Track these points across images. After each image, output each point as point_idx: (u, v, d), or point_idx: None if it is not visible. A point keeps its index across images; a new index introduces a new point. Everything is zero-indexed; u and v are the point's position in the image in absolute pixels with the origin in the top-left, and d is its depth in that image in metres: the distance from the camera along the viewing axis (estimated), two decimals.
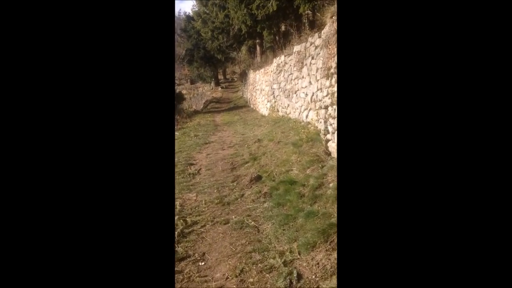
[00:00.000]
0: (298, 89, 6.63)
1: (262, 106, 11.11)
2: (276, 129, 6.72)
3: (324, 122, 4.65)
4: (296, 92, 6.85)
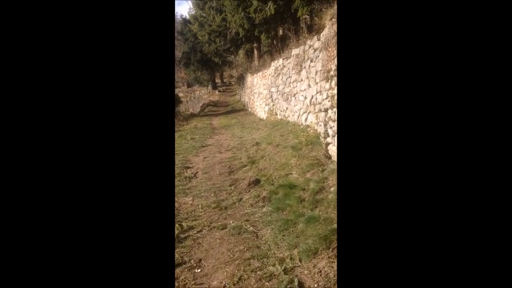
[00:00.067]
0: (297, 92, 6.57)
1: (260, 109, 11.04)
2: (275, 132, 6.63)
3: (324, 125, 4.58)
4: (294, 95, 6.78)
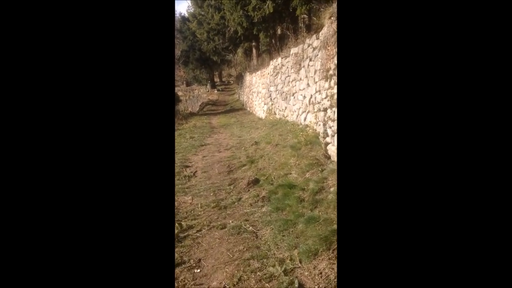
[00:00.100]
0: (296, 92, 6.55)
1: (259, 108, 11.02)
2: (274, 131, 6.62)
3: (323, 124, 4.56)
4: (293, 94, 6.76)
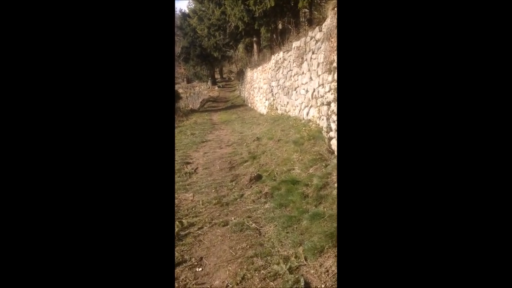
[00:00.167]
0: (298, 86, 6.44)
1: (260, 104, 10.91)
2: (276, 127, 6.53)
3: (327, 119, 4.46)
4: (296, 89, 6.65)
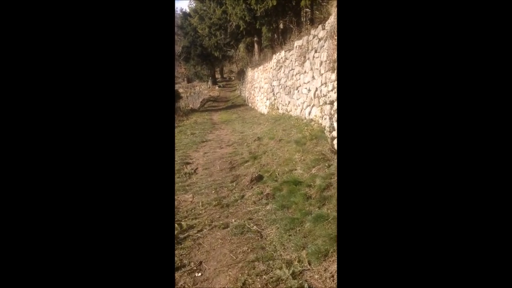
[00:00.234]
0: (300, 85, 6.34)
1: (261, 104, 10.82)
2: (277, 127, 6.43)
3: (329, 118, 4.37)
4: (297, 88, 6.56)
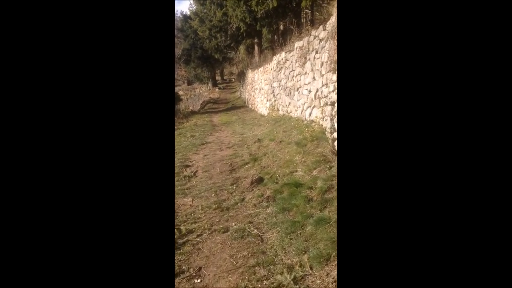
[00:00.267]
0: (301, 86, 6.29)
1: (261, 105, 10.77)
2: (277, 128, 6.38)
3: (331, 119, 4.32)
4: (298, 89, 6.51)
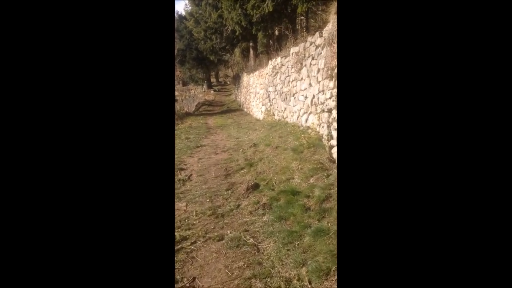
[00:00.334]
0: (297, 92, 6.27)
1: (256, 109, 10.73)
2: (273, 133, 6.34)
3: (328, 126, 4.29)
4: (294, 94, 6.48)
